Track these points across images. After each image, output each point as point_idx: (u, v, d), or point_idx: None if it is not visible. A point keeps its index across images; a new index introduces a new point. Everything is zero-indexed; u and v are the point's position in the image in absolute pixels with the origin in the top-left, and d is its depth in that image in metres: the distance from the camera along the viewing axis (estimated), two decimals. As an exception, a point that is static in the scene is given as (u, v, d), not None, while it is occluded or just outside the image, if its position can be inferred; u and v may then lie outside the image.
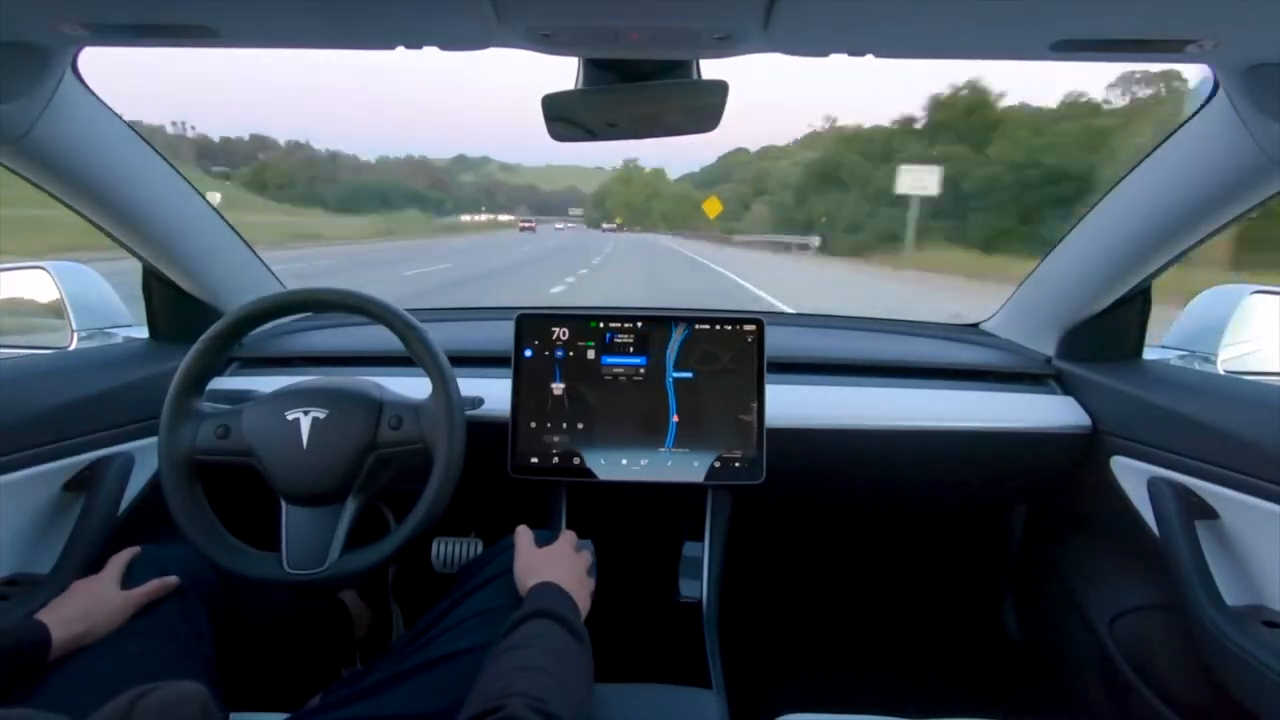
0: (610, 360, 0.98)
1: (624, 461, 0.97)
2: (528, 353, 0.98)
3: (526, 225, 44.39)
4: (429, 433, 0.79)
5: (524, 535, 0.79)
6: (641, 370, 0.98)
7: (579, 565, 0.76)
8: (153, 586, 0.72)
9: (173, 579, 0.73)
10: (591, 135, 0.77)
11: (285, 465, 0.77)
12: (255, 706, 0.73)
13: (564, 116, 0.74)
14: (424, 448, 0.79)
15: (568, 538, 0.80)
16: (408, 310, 0.83)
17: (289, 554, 0.77)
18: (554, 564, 0.73)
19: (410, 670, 0.69)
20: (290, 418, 0.78)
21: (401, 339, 0.81)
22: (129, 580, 0.73)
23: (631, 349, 0.99)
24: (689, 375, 0.98)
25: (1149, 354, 1.08)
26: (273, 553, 0.78)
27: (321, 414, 0.78)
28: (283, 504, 0.79)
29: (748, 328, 0.98)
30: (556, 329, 0.99)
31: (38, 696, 0.60)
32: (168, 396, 0.79)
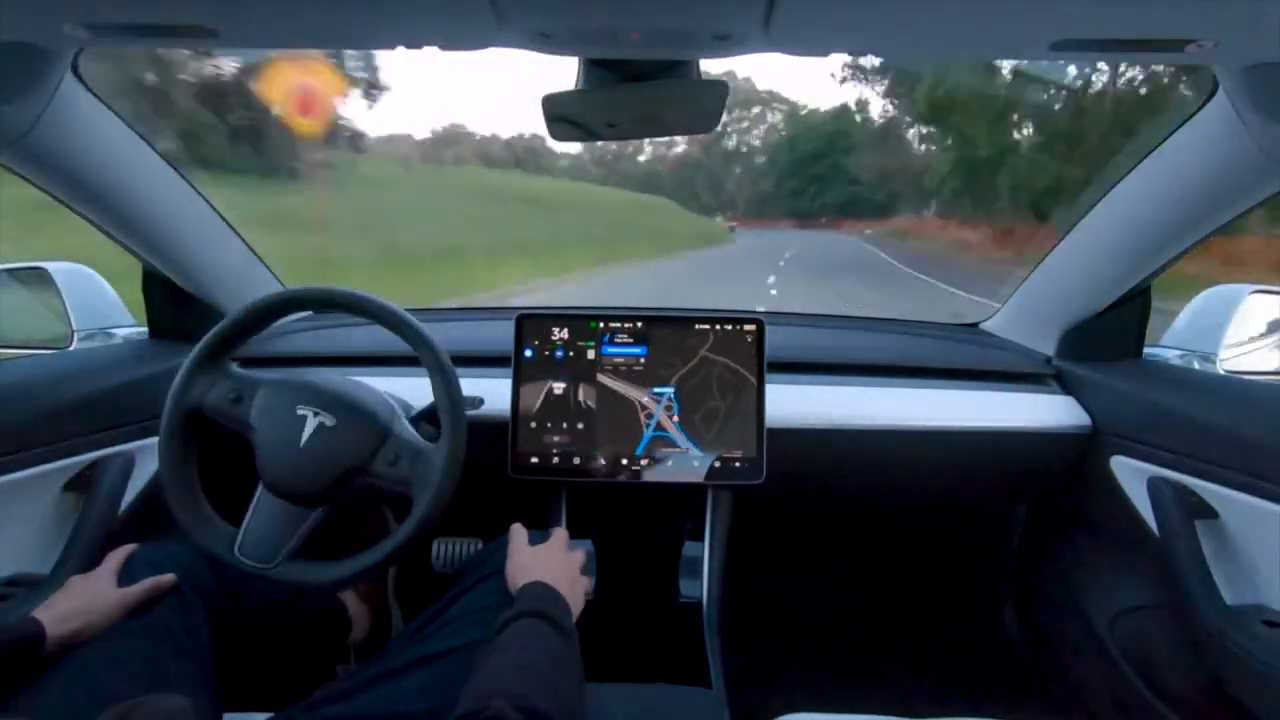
0: (610, 361, 0.99)
1: (624, 461, 0.97)
2: (528, 353, 0.98)
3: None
4: (418, 482, 0.77)
5: (518, 535, 0.79)
6: (641, 371, 0.98)
7: (571, 564, 0.76)
8: (149, 585, 0.71)
9: (169, 577, 0.73)
10: (592, 135, 0.77)
11: (275, 454, 0.77)
12: (252, 706, 0.73)
13: (564, 117, 0.74)
14: (407, 493, 0.78)
15: (560, 537, 0.80)
16: (409, 310, 0.83)
17: (244, 538, 0.77)
18: (546, 563, 0.73)
19: (402, 668, 0.69)
20: (299, 413, 0.78)
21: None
22: (126, 578, 0.72)
23: (631, 349, 0.99)
24: (687, 371, 0.98)
25: (1149, 354, 1.08)
26: (233, 529, 0.77)
27: (329, 421, 0.78)
28: (259, 487, 0.79)
29: (748, 328, 0.98)
30: (556, 329, 0.99)
31: (32, 694, 0.60)
32: (200, 345, 0.79)
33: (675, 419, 0.97)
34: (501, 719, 0.49)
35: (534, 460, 0.97)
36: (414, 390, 0.89)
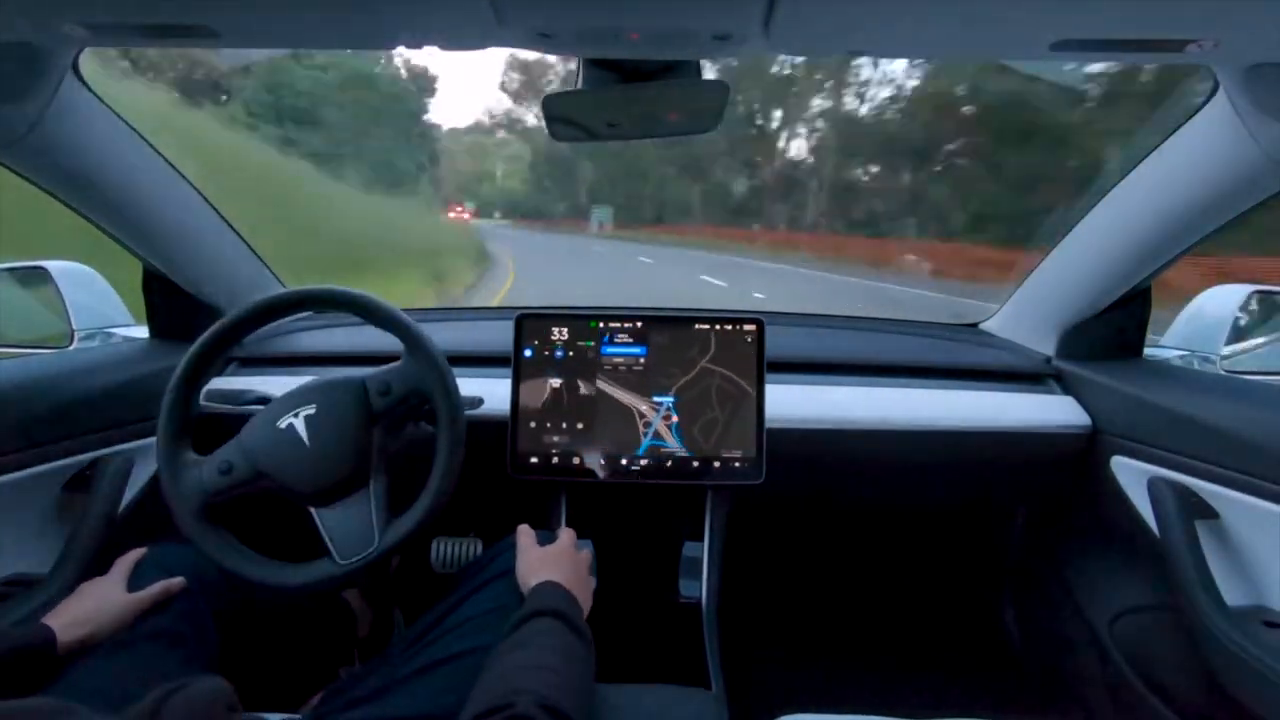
0: (610, 361, 0.99)
1: (623, 461, 0.97)
2: (528, 353, 0.98)
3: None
4: (421, 385, 0.79)
5: (525, 535, 0.79)
6: (641, 370, 0.98)
7: (580, 564, 0.76)
8: (158, 589, 0.72)
9: (178, 580, 0.73)
10: (592, 135, 0.77)
11: (298, 471, 0.76)
12: (256, 706, 0.73)
13: (564, 117, 0.74)
14: (422, 401, 0.80)
15: (568, 536, 0.80)
16: (406, 310, 0.83)
17: (338, 550, 0.76)
18: (555, 563, 0.74)
19: (412, 673, 0.68)
20: (284, 425, 0.77)
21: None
22: (135, 581, 0.73)
23: (631, 349, 0.99)
24: (689, 375, 0.98)
25: (1149, 354, 1.08)
26: (322, 558, 0.77)
27: (311, 410, 0.78)
28: (312, 511, 0.78)
29: (748, 328, 0.98)
30: (556, 329, 0.99)
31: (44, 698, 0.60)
32: (159, 449, 0.76)
33: (675, 419, 0.97)
34: (528, 718, 0.49)
35: (534, 460, 0.97)
36: None
